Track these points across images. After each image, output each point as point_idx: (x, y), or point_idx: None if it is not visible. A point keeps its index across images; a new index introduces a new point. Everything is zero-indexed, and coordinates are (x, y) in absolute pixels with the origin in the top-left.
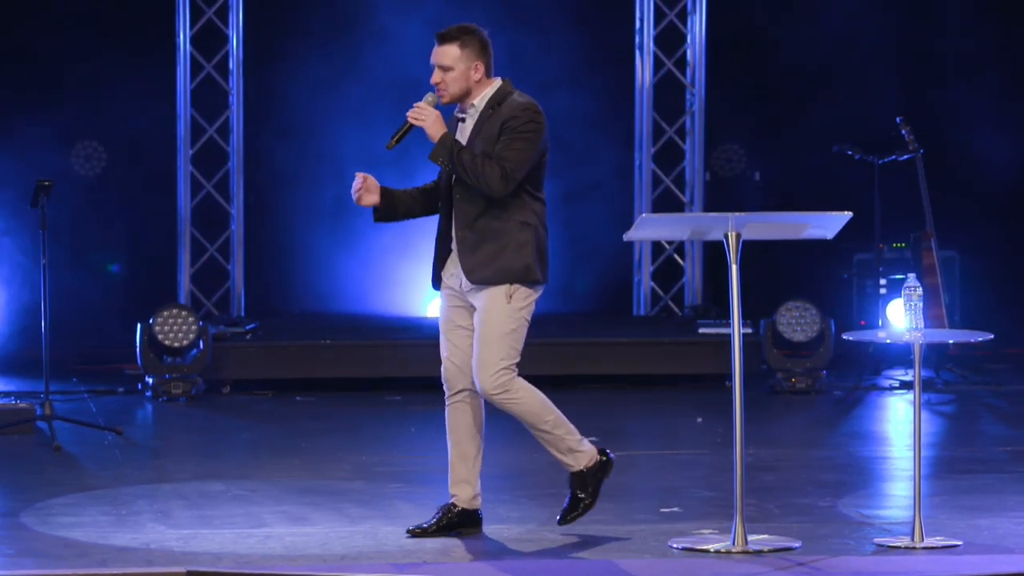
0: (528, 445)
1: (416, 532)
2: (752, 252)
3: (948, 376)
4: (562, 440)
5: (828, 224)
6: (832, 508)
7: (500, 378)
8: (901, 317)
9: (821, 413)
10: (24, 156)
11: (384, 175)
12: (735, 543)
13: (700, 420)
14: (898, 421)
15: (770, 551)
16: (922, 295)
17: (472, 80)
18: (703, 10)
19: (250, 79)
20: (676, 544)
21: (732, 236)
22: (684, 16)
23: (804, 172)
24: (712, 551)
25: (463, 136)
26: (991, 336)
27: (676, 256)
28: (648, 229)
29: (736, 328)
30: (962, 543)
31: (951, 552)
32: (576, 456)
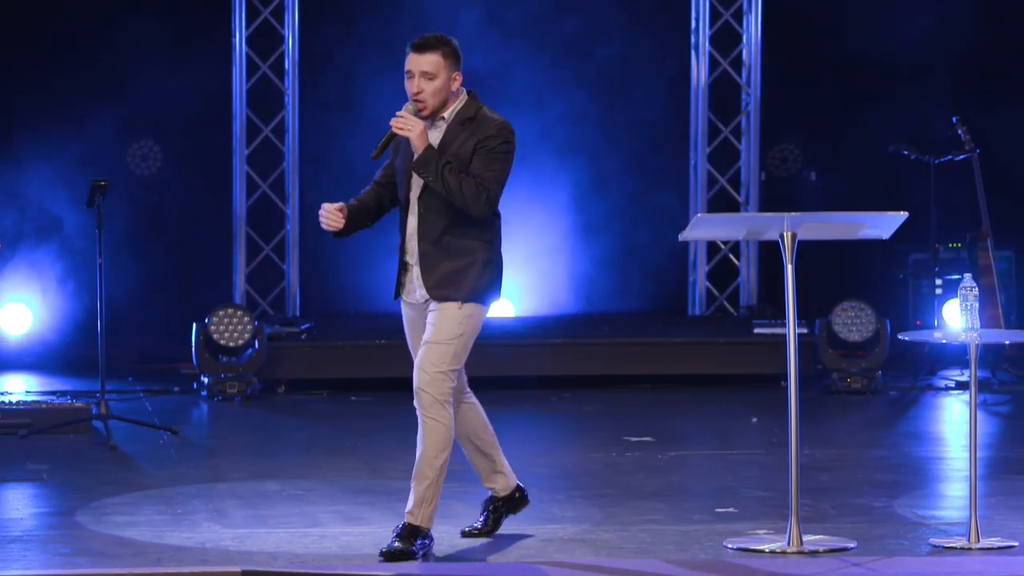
0: (583, 444)
1: (471, 533)
2: (808, 252)
3: (1004, 376)
4: (431, 489)
5: (884, 224)
6: (888, 508)
7: (438, 381)
8: (957, 317)
9: (876, 413)
10: (81, 156)
11: None
12: (790, 543)
13: (755, 420)
14: (954, 421)
15: (825, 551)
16: (978, 295)
17: (450, 91)
18: (759, 10)
19: (305, 79)
20: (731, 544)
21: (787, 236)
22: (740, 16)
23: (860, 172)
24: (767, 551)
25: None
26: None
27: (731, 256)
28: (703, 229)
29: (791, 328)
30: (1018, 544)
31: (1007, 553)
32: (424, 512)
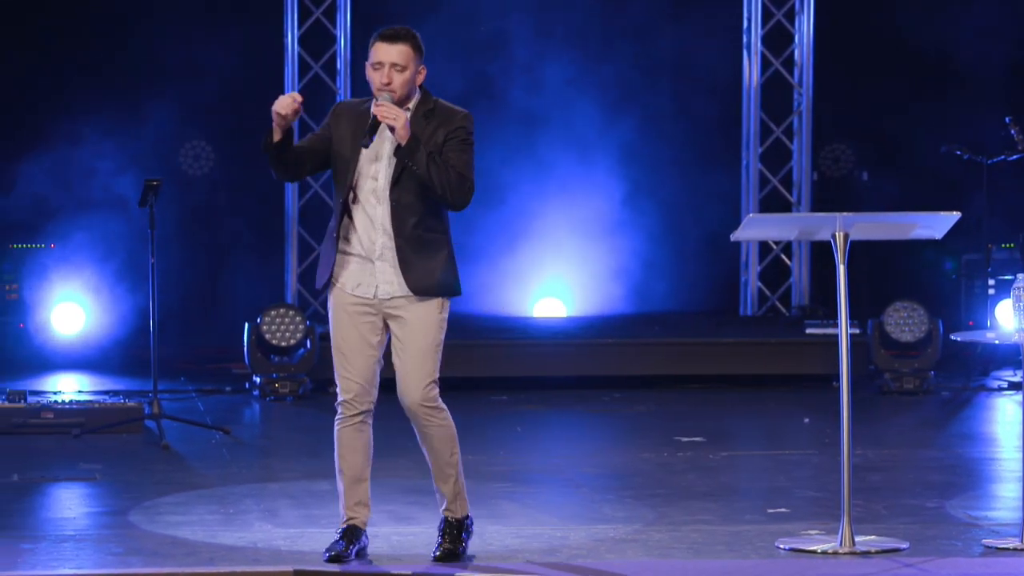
0: (634, 445)
1: (337, 557)
2: (860, 252)
3: None
4: (458, 481)
5: (936, 224)
6: (940, 509)
7: (432, 391)
8: (1010, 317)
9: (929, 414)
10: (133, 156)
11: None
12: (842, 544)
13: (807, 421)
14: (1006, 422)
15: (877, 552)
16: None
17: (415, 84)
18: (811, 10)
19: (357, 79)
20: (783, 545)
21: (840, 236)
22: (792, 16)
23: (912, 172)
24: (819, 552)
25: (390, 138)
26: None
27: (783, 256)
28: (755, 229)
29: (844, 328)
30: None
31: None
32: (461, 504)
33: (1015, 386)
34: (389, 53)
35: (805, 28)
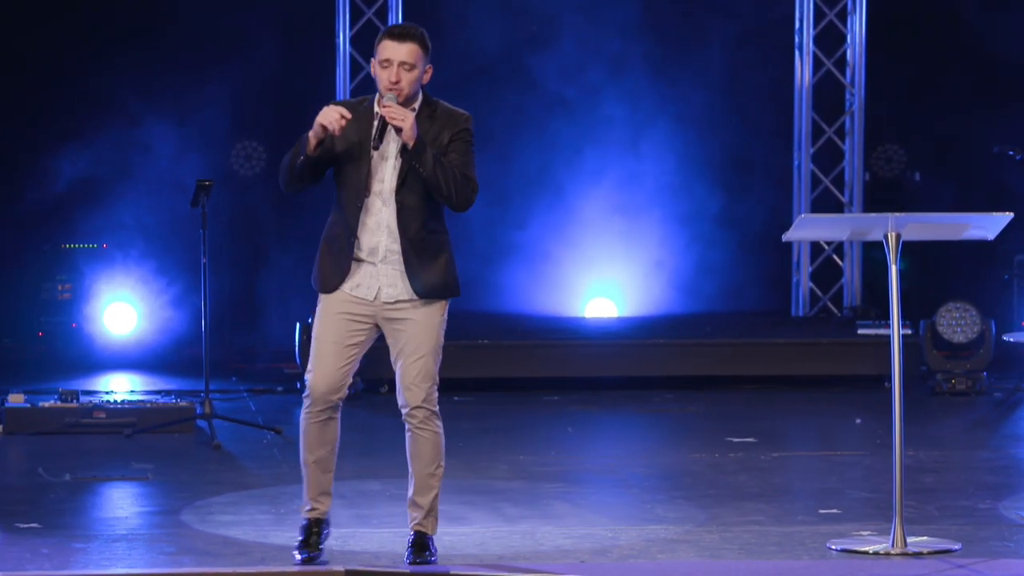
0: (685, 445)
1: (310, 559)
2: (912, 253)
3: None
4: (437, 496)
5: (989, 225)
6: (992, 510)
7: (434, 393)
8: None
9: (981, 415)
10: (185, 156)
11: None
12: (894, 545)
13: (859, 421)
14: None
15: (930, 553)
16: None
17: (421, 83)
18: (863, 10)
19: None
20: (835, 545)
21: (892, 237)
22: (844, 16)
23: (965, 172)
24: (871, 553)
25: (395, 139)
26: None
27: (835, 257)
28: (807, 229)
29: (896, 329)
30: None
31: None
32: (434, 521)
33: None
34: (398, 51)
35: (857, 28)
